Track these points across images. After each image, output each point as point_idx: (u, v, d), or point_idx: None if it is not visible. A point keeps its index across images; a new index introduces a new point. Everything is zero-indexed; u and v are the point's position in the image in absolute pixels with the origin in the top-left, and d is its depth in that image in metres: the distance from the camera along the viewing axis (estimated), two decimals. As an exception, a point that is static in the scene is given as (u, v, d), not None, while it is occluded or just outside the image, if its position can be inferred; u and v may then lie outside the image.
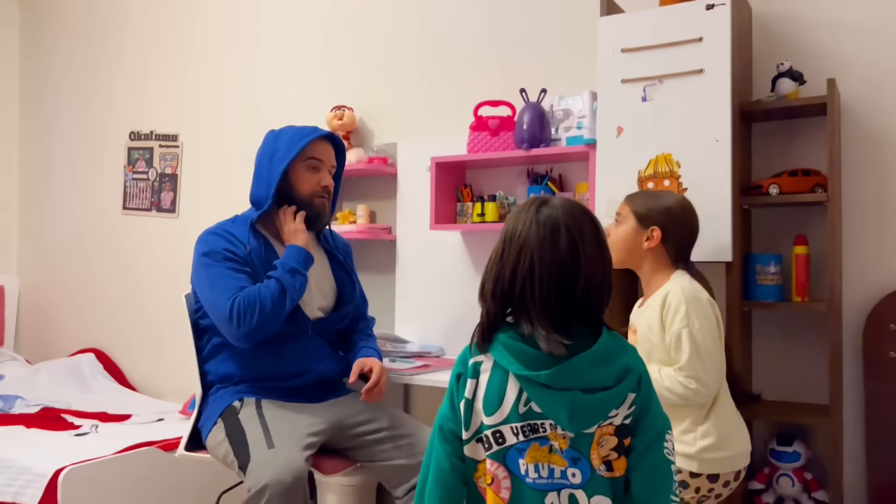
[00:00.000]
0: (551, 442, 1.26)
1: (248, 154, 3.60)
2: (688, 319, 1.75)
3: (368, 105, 3.29)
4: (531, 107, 2.66)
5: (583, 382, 1.23)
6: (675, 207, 1.89)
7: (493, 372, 1.29)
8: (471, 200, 2.88)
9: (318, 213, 2.26)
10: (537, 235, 1.28)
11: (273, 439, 1.95)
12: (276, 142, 2.25)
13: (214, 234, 2.20)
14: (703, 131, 2.20)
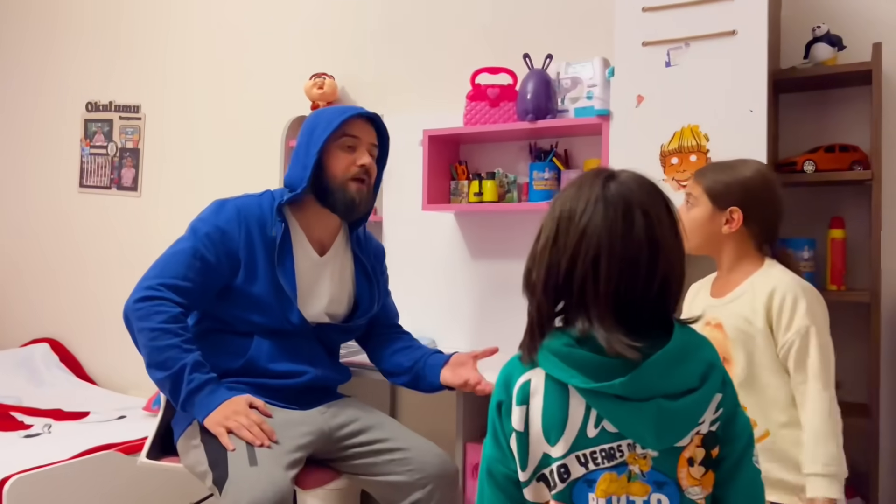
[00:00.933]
0: (630, 467, 1.02)
1: (217, 126, 3.36)
2: (812, 316, 1.49)
3: (351, 73, 3.01)
4: (536, 74, 2.40)
5: (665, 387, 0.99)
6: (754, 180, 1.60)
7: (548, 390, 1.04)
8: (466, 178, 2.63)
9: (353, 200, 1.94)
10: (605, 218, 1.03)
11: (256, 454, 1.69)
12: (315, 120, 1.97)
13: (223, 206, 1.92)
14: (734, 100, 1.97)
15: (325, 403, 1.98)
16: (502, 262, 2.65)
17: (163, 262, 1.85)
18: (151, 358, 1.75)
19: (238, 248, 1.88)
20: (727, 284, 1.63)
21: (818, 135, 2.21)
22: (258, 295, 1.87)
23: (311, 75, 2.96)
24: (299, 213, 1.98)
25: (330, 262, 2.01)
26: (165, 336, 1.74)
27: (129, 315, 1.80)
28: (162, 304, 1.77)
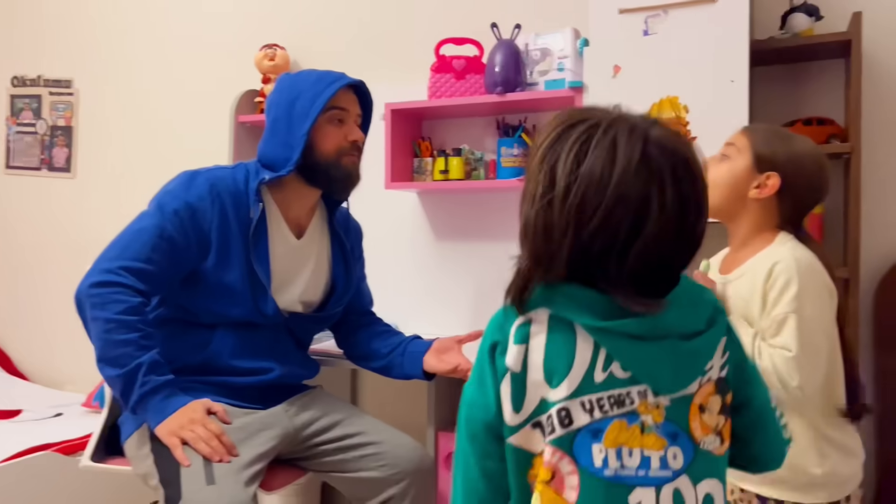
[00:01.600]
0: (642, 417, 0.90)
1: (159, 102, 3.14)
2: (798, 302, 1.32)
3: (303, 43, 2.84)
4: (505, 45, 2.29)
5: (679, 326, 0.90)
6: (808, 158, 1.43)
7: (553, 329, 0.92)
8: (430, 155, 2.50)
9: (349, 175, 1.79)
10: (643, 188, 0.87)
11: (214, 471, 1.52)
12: (293, 89, 1.76)
13: (195, 178, 1.71)
14: (715, 70, 1.90)
15: (289, 399, 1.83)
16: (469, 243, 2.55)
17: (124, 242, 1.64)
18: (104, 352, 1.56)
19: (210, 228, 1.68)
20: (735, 260, 1.48)
21: (792, 109, 2.17)
22: (229, 282, 1.69)
23: (262, 46, 2.78)
24: (277, 192, 1.79)
25: (307, 245, 1.85)
26: (122, 329, 1.54)
27: (82, 300, 1.59)
28: (121, 292, 1.57)
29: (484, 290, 2.51)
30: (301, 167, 1.73)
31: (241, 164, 1.81)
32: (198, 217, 1.67)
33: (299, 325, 1.86)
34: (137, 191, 3.11)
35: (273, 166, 1.76)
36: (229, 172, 1.77)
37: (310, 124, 1.70)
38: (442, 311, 2.57)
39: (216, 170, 1.77)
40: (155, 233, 1.62)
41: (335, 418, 1.82)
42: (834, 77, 2.14)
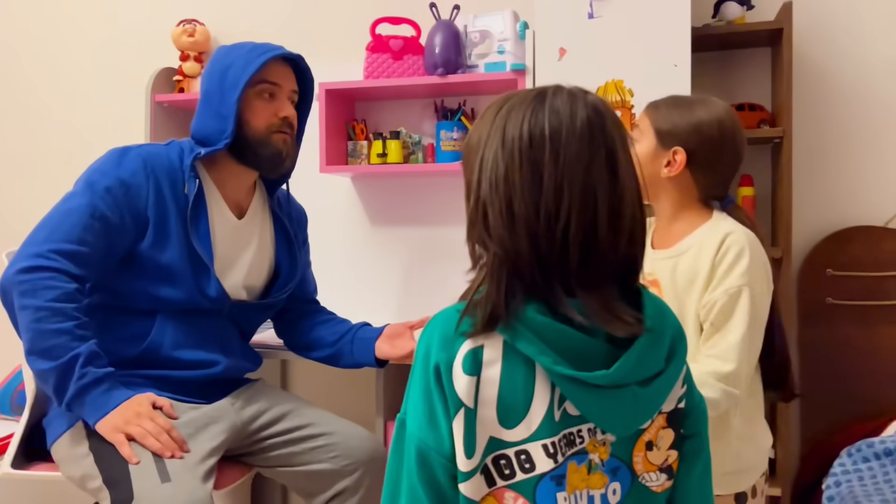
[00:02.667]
0: (590, 456, 0.87)
1: (64, 78, 2.87)
2: (751, 277, 1.29)
3: (224, 18, 2.69)
4: (444, 25, 2.24)
5: (640, 374, 0.85)
6: (709, 124, 1.37)
7: (508, 361, 0.84)
8: (366, 138, 2.43)
9: (279, 153, 1.68)
10: (580, 149, 0.83)
11: (167, 467, 1.41)
12: (226, 59, 1.65)
13: (127, 154, 1.60)
14: (659, 55, 1.94)
15: (233, 393, 1.73)
16: (406, 228, 2.49)
17: (53, 223, 1.50)
18: (34, 344, 1.42)
19: (146, 205, 1.56)
20: (669, 236, 1.44)
21: (724, 94, 2.23)
22: (168, 263, 1.57)
23: (179, 21, 2.61)
24: (212, 169, 1.69)
25: (247, 225, 1.75)
26: (55, 318, 1.41)
27: (8, 288, 1.45)
28: (53, 277, 1.43)
29: (423, 276, 2.47)
30: (231, 144, 1.63)
31: (173, 142, 1.71)
32: (132, 194, 1.55)
33: (243, 314, 1.76)
34: (37, 172, 2.89)
35: (207, 140, 1.66)
36: (162, 149, 1.67)
37: (239, 92, 1.60)
38: (379, 298, 2.50)
39: (148, 146, 1.67)
40: (86, 212, 1.50)
41: (282, 410, 1.74)
42: (762, 65, 2.24)
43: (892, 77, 2.17)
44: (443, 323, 0.88)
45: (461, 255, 2.48)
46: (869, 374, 2.14)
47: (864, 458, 1.95)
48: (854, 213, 2.19)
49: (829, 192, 2.22)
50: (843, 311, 2.15)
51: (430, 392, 0.85)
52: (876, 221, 2.18)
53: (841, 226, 2.19)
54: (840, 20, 2.20)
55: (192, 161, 1.62)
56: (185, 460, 1.45)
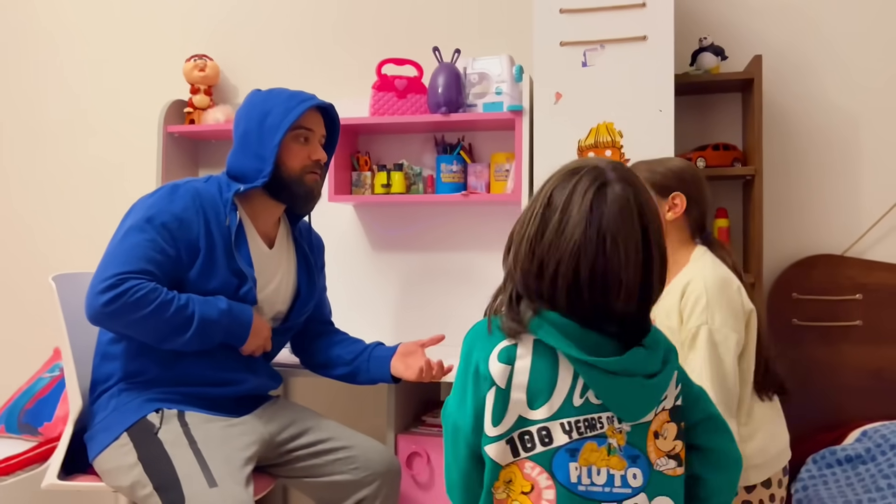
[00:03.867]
0: (609, 440, 1.06)
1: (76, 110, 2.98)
2: (709, 313, 1.51)
3: (232, 54, 2.84)
4: (446, 67, 2.43)
5: (644, 368, 1.07)
6: (686, 169, 1.64)
7: (537, 354, 1.06)
8: (369, 170, 2.59)
9: (310, 192, 1.87)
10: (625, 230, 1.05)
11: (213, 473, 1.55)
12: (265, 104, 1.82)
13: (176, 191, 1.75)
14: (645, 100, 2.15)
15: (259, 408, 1.87)
16: (406, 254, 2.66)
17: (119, 257, 1.62)
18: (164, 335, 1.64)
19: (197, 237, 1.72)
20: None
21: (699, 135, 2.47)
22: (214, 290, 1.72)
23: (190, 56, 2.75)
24: (246, 203, 1.86)
25: (277, 254, 1.91)
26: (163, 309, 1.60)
27: (99, 316, 1.59)
28: (136, 285, 1.58)
29: (424, 300, 2.63)
30: (267, 182, 1.80)
31: (211, 177, 1.86)
32: (185, 227, 1.70)
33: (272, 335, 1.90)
34: (39, 200, 2.98)
35: (243, 177, 1.82)
36: (204, 185, 1.81)
37: (280, 137, 1.78)
38: (381, 321, 2.66)
39: (193, 182, 1.82)
40: (149, 246, 1.64)
41: (305, 425, 1.88)
42: (734, 109, 2.47)
43: (848, 123, 2.43)
44: (480, 332, 1.12)
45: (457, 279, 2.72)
46: (831, 388, 2.36)
47: (827, 464, 2.16)
48: (816, 242, 2.43)
49: (795, 223, 2.45)
50: (808, 332, 2.37)
51: (467, 382, 1.09)
52: (836, 250, 2.42)
53: (805, 254, 2.43)
54: (804, 72, 2.44)
55: (232, 196, 1.77)
56: (228, 465, 1.59)
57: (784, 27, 2.45)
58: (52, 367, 2.80)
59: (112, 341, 1.74)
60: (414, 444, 2.13)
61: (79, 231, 2.95)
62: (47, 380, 2.74)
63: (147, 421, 1.65)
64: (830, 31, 2.43)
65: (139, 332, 1.63)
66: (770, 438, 1.61)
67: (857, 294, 2.35)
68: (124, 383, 1.71)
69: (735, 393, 1.53)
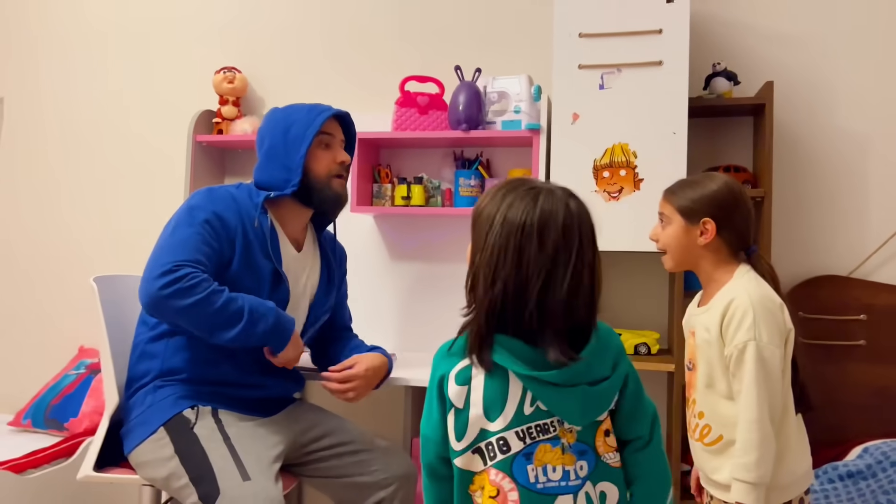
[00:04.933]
0: (562, 440, 1.19)
1: (106, 120, 3.10)
2: (756, 330, 1.52)
3: (260, 67, 2.94)
4: (467, 86, 2.52)
5: (588, 377, 1.17)
6: (721, 191, 1.64)
7: (489, 373, 1.18)
8: (390, 182, 2.68)
9: (339, 196, 1.97)
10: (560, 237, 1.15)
11: (246, 468, 1.64)
12: (287, 119, 1.93)
13: (213, 193, 1.86)
14: (660, 123, 2.23)
15: (285, 409, 1.96)
16: (424, 263, 2.74)
17: (171, 248, 1.70)
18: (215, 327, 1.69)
19: (235, 235, 1.81)
20: (707, 296, 1.68)
21: (711, 156, 2.55)
22: (250, 287, 1.80)
23: (219, 69, 2.85)
24: (275, 210, 1.95)
25: (304, 256, 2.00)
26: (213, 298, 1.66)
27: (156, 300, 1.64)
28: (190, 273, 1.65)
29: (439, 307, 2.71)
30: (296, 190, 1.89)
31: (242, 185, 1.95)
32: (225, 224, 1.80)
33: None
34: (69, 203, 3.08)
35: (272, 188, 1.91)
36: (236, 190, 1.91)
37: (307, 145, 1.88)
38: (397, 327, 2.74)
39: (227, 186, 1.92)
40: (199, 239, 1.73)
41: (328, 427, 1.96)
42: (745, 132, 2.55)
43: (856, 147, 2.50)
44: (443, 349, 1.24)
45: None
46: (834, 405, 2.42)
47: (829, 479, 2.22)
48: (823, 263, 2.50)
49: (803, 244, 2.53)
50: (813, 350, 2.43)
51: (432, 398, 1.21)
52: (841, 271, 2.49)
53: (812, 274, 2.50)
54: (813, 97, 2.52)
55: (263, 201, 1.87)
56: (259, 461, 1.68)
57: (795, 54, 2.54)
58: (77, 364, 2.90)
59: (152, 339, 1.83)
60: (429, 449, 2.20)
61: (106, 234, 3.04)
62: (73, 377, 2.83)
63: (183, 416, 1.74)
64: (840, 58, 2.51)
65: (192, 321, 1.67)
66: (798, 459, 1.63)
67: (862, 314, 2.41)
68: (161, 380, 1.80)
69: (779, 412, 1.57)
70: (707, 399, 1.63)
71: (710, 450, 1.61)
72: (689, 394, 1.69)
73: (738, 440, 1.54)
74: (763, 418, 1.53)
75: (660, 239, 1.69)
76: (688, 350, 1.71)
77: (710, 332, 1.61)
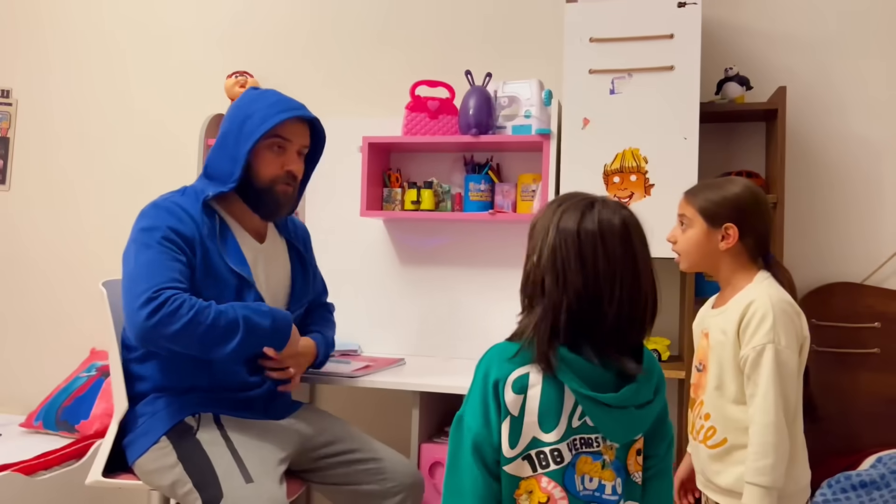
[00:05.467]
0: (604, 456, 1.23)
1: (117, 120, 3.11)
2: (774, 333, 1.51)
3: (272, 71, 2.94)
4: (478, 91, 2.52)
5: (636, 400, 1.22)
6: (744, 195, 1.61)
7: (546, 385, 1.20)
8: (399, 186, 2.68)
9: (277, 203, 1.87)
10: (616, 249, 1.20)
11: (249, 470, 1.64)
12: (250, 107, 1.84)
13: (160, 208, 1.79)
14: (671, 128, 2.22)
15: (291, 413, 1.96)
16: (433, 268, 2.73)
17: (143, 275, 1.65)
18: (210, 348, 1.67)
19: (193, 244, 1.75)
20: (723, 298, 1.66)
21: (722, 163, 2.53)
22: (219, 294, 1.75)
23: (231, 73, 2.86)
24: (227, 206, 1.88)
25: (269, 247, 1.95)
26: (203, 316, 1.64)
27: (145, 331, 1.61)
28: (172, 297, 1.62)
29: (449, 311, 2.71)
30: (238, 188, 1.82)
31: (187, 188, 1.89)
32: (181, 234, 1.74)
33: None
34: (80, 203, 3.10)
35: (217, 178, 1.84)
36: (178, 196, 1.84)
37: (252, 143, 1.79)
38: (405, 331, 2.74)
39: (171, 196, 1.85)
40: (166, 257, 1.69)
41: (336, 434, 1.95)
42: (757, 138, 2.53)
43: (870, 153, 2.48)
44: (500, 353, 1.24)
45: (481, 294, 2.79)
46: (847, 414, 2.40)
47: (842, 488, 2.20)
48: (836, 270, 2.48)
49: (815, 251, 2.50)
50: (826, 358, 2.41)
51: (488, 401, 1.20)
52: (855, 278, 2.46)
53: (825, 281, 2.47)
54: (826, 102, 2.50)
55: (203, 204, 1.80)
56: (264, 463, 1.68)
57: (807, 59, 2.52)
58: (88, 366, 2.91)
59: (135, 361, 1.81)
60: (437, 454, 2.20)
61: (118, 237, 3.05)
62: (84, 379, 2.84)
63: (185, 423, 1.74)
64: (853, 63, 2.49)
65: (186, 344, 1.65)
66: (802, 469, 1.61)
67: (876, 322, 2.39)
68: (157, 394, 1.80)
69: (791, 417, 1.55)
70: (715, 401, 1.62)
71: (712, 453, 1.60)
72: (696, 395, 1.68)
73: (752, 443, 1.52)
74: (779, 421, 1.51)
75: (678, 241, 1.68)
76: (699, 351, 1.70)
77: (726, 333, 1.60)
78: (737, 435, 1.58)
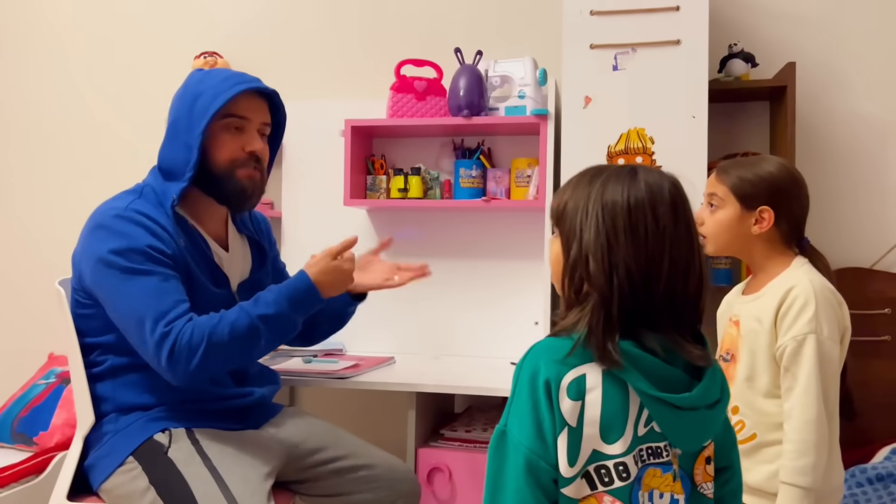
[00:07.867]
0: (674, 467, 1.03)
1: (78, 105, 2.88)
2: (817, 322, 1.40)
3: (244, 52, 2.74)
4: (468, 69, 2.36)
5: (706, 399, 1.02)
6: (780, 175, 1.48)
7: (608, 383, 0.98)
8: (384, 173, 2.51)
9: (243, 190, 1.64)
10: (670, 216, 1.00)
11: (232, 490, 1.45)
12: (199, 86, 1.60)
13: (128, 222, 1.53)
14: (678, 106, 2.09)
15: (271, 420, 1.77)
16: (422, 260, 2.55)
17: (143, 310, 1.48)
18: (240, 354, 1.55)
19: (176, 258, 1.56)
20: (756, 284, 1.55)
21: (726, 143, 2.41)
22: (206, 300, 1.59)
23: (200, 53, 2.65)
24: (189, 208, 1.66)
25: (234, 255, 1.76)
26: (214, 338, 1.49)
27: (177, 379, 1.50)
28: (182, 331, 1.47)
29: (437, 305, 2.55)
30: (197, 178, 1.60)
31: (146, 187, 1.63)
32: (162, 253, 1.53)
33: None
34: (33, 201, 2.87)
35: (172, 171, 1.62)
36: (138, 200, 1.59)
37: (205, 124, 1.56)
38: (393, 326, 2.57)
39: (130, 201, 1.59)
40: (157, 278, 1.50)
41: (324, 440, 1.78)
42: (761, 118, 2.42)
43: (878, 135, 2.38)
44: (548, 351, 1.01)
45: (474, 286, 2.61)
46: (858, 404, 2.29)
47: (858, 482, 2.10)
48: (845, 255, 2.38)
49: (824, 236, 2.39)
50: (835, 346, 2.31)
51: (539, 409, 0.98)
52: (864, 263, 2.37)
53: (833, 267, 2.34)
54: (833, 82, 2.40)
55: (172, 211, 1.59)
56: (248, 481, 1.50)
57: (815, 36, 2.41)
58: (47, 373, 2.69)
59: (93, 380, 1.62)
60: (435, 459, 2.05)
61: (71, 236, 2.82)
62: (42, 387, 2.63)
63: (154, 441, 1.54)
64: (862, 41, 2.39)
65: (218, 364, 1.52)
66: (837, 469, 1.51)
67: (886, 308, 2.30)
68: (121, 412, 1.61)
69: (829, 415, 1.45)
70: (745, 394, 1.50)
71: (741, 449, 1.46)
72: None
73: (790, 441, 1.41)
74: (821, 418, 1.41)
75: (705, 223, 1.54)
76: (726, 340, 1.57)
77: (761, 321, 1.47)
78: (767, 430, 1.48)
